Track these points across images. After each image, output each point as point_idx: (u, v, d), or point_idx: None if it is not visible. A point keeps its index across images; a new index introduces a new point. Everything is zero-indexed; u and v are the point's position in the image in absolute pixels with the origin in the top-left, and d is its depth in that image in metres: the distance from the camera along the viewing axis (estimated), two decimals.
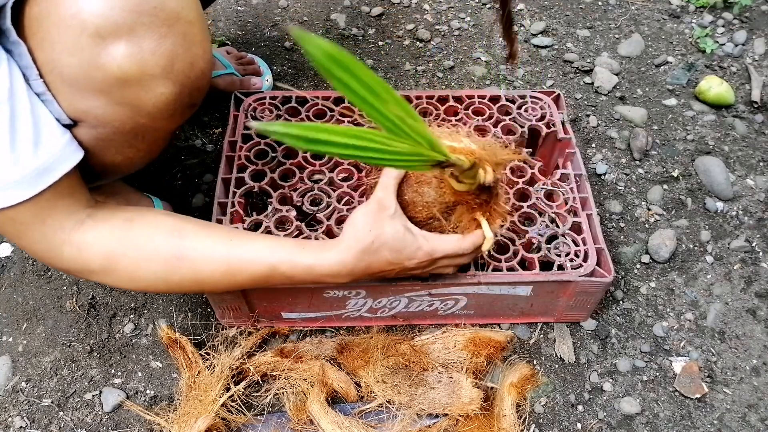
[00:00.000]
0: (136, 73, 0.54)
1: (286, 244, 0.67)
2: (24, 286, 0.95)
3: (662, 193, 1.08)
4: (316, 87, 1.25)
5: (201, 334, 0.88)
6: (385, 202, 0.65)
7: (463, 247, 0.66)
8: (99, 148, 0.62)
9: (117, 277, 0.64)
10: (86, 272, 0.64)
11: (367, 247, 0.63)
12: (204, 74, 0.61)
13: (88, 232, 0.62)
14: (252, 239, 0.67)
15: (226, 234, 0.67)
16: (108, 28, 0.52)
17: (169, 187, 1.07)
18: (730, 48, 1.32)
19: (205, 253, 0.64)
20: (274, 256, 0.65)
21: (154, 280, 0.64)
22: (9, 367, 0.87)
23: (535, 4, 1.44)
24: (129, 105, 0.57)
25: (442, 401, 0.78)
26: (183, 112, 0.62)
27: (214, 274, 0.65)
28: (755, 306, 0.94)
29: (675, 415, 0.83)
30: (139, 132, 0.62)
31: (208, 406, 0.77)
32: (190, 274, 0.64)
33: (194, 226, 0.66)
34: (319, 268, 0.65)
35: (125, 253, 0.63)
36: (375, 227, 0.63)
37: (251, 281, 0.66)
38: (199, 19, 0.59)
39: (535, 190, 0.88)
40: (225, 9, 1.42)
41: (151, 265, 0.63)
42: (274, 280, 0.67)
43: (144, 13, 0.53)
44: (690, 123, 1.19)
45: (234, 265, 0.65)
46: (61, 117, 0.58)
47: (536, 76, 1.28)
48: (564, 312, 0.87)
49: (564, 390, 0.85)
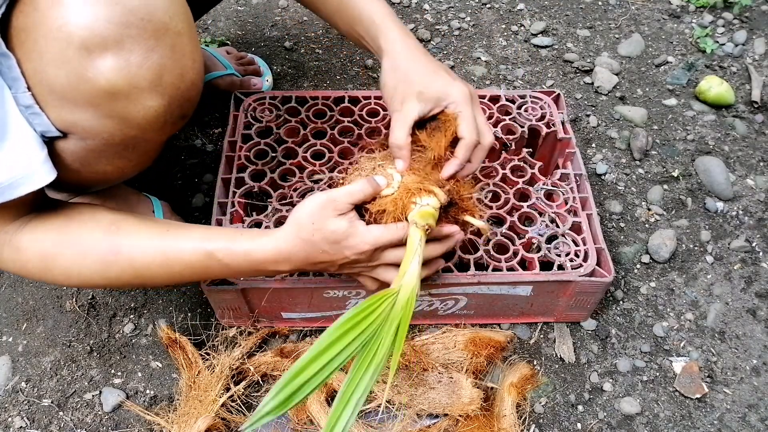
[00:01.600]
0: (124, 86, 0.53)
1: (223, 231, 0.67)
2: (24, 286, 0.95)
3: (662, 193, 1.08)
4: (316, 87, 1.25)
5: (201, 334, 0.88)
6: (339, 202, 0.63)
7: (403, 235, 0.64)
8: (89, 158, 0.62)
9: (54, 275, 0.64)
10: (25, 272, 0.65)
11: (306, 238, 0.63)
12: (194, 85, 0.60)
13: (27, 233, 0.63)
14: (189, 229, 0.67)
15: (164, 226, 0.66)
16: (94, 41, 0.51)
17: (169, 187, 1.07)
18: (730, 48, 1.32)
19: (141, 246, 0.64)
20: (210, 244, 0.64)
21: (90, 277, 0.64)
22: (9, 367, 0.87)
23: (535, 4, 1.44)
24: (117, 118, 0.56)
25: (442, 401, 0.78)
26: (174, 123, 0.61)
27: (151, 266, 0.64)
28: (755, 306, 0.94)
29: (675, 416, 0.83)
30: (130, 143, 0.62)
31: (208, 406, 0.77)
32: (128, 268, 0.64)
33: (131, 220, 0.66)
34: (255, 254, 0.64)
35: (61, 252, 0.63)
36: (318, 220, 0.62)
37: (190, 271, 0.66)
38: (189, 30, 0.58)
39: (535, 190, 0.88)
40: (225, 9, 1.42)
41: (87, 262, 0.63)
42: (213, 269, 0.66)
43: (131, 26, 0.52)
44: (690, 123, 1.19)
45: (170, 256, 0.64)
46: (49, 129, 0.57)
47: (536, 76, 1.28)
48: (564, 312, 0.87)
49: (564, 390, 0.85)
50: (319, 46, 1.34)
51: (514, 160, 0.92)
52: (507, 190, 0.88)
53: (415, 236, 0.63)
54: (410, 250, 0.62)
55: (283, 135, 0.94)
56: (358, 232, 0.62)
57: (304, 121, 0.96)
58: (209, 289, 0.79)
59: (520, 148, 0.93)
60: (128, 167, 0.68)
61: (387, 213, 0.64)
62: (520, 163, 0.92)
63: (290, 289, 0.80)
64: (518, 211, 0.86)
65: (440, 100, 0.68)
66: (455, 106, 0.68)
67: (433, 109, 0.69)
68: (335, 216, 0.62)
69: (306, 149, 0.92)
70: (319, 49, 1.33)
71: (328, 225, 0.62)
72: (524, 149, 0.93)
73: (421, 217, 0.63)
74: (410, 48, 0.70)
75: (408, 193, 0.64)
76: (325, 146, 0.92)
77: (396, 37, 0.70)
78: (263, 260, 0.64)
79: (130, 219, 0.66)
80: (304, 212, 0.63)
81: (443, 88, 0.68)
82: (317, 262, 0.65)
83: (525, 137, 0.94)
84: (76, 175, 0.63)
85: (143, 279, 0.66)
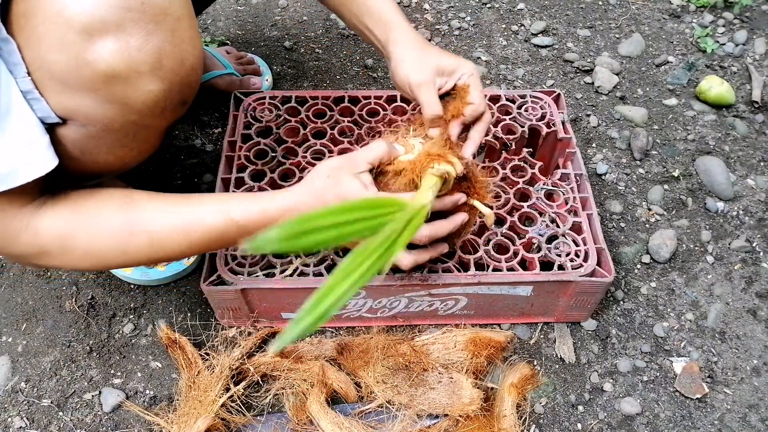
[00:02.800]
0: (124, 70, 0.54)
1: (236, 195, 0.68)
2: (23, 286, 0.95)
3: (663, 193, 1.08)
4: (316, 87, 1.25)
5: (201, 334, 0.88)
6: (358, 162, 0.64)
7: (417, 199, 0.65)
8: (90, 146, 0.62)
9: (74, 257, 0.64)
10: (43, 256, 0.64)
11: (320, 195, 0.63)
12: (194, 70, 0.61)
13: (43, 216, 0.62)
14: (202, 197, 0.67)
15: (177, 197, 0.67)
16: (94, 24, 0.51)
17: (169, 187, 1.07)
18: (731, 48, 1.32)
19: (158, 217, 0.64)
20: (227, 207, 0.65)
21: (110, 255, 0.64)
22: (8, 368, 0.87)
23: (535, 3, 1.44)
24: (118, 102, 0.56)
25: (443, 402, 0.78)
26: (174, 109, 0.61)
27: (170, 236, 0.64)
28: (756, 306, 0.94)
29: (675, 416, 0.83)
30: (130, 130, 0.62)
31: (208, 406, 0.77)
32: (146, 240, 0.64)
33: (145, 195, 0.66)
34: (271, 211, 0.64)
35: (79, 231, 0.62)
36: (334, 175, 0.63)
37: (207, 238, 0.66)
38: (188, 15, 0.58)
39: (535, 190, 0.88)
40: (225, 9, 1.42)
41: (105, 240, 0.63)
42: (230, 234, 0.66)
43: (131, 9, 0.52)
44: (690, 123, 1.19)
45: (188, 223, 0.64)
46: (49, 115, 0.57)
47: (536, 75, 1.28)
48: (564, 312, 0.87)
49: (564, 390, 0.85)
50: (319, 45, 1.34)
51: (515, 159, 0.92)
52: (507, 190, 0.88)
53: (431, 179, 0.64)
54: (425, 186, 0.63)
55: (283, 135, 0.94)
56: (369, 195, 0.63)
57: (304, 121, 0.95)
58: (209, 289, 0.79)
59: (521, 148, 0.93)
60: (129, 156, 0.67)
61: (404, 174, 0.65)
62: (520, 162, 0.91)
63: (290, 289, 0.79)
64: (518, 211, 0.86)
65: (455, 71, 0.74)
66: (467, 77, 0.74)
67: (448, 81, 0.74)
68: (350, 175, 0.63)
69: (306, 149, 0.92)
70: (318, 48, 1.33)
71: (342, 183, 0.63)
72: (524, 149, 0.93)
73: (438, 171, 0.64)
74: (420, 39, 0.76)
75: (428, 158, 0.65)
76: (325, 146, 0.92)
77: (407, 29, 0.76)
78: (278, 216, 0.64)
79: (143, 193, 0.66)
80: (322, 170, 0.64)
81: (456, 62, 0.74)
82: None
83: (525, 137, 0.94)
84: (76, 163, 0.63)
85: (160, 252, 0.66)
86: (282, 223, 0.44)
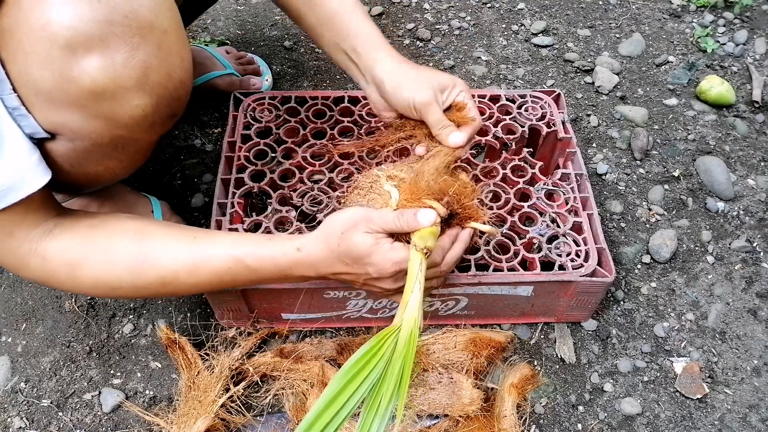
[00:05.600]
0: (110, 85, 0.53)
1: (251, 236, 0.67)
2: (23, 287, 0.95)
3: (663, 193, 1.08)
4: (316, 87, 1.25)
5: (200, 334, 0.88)
6: (373, 222, 0.62)
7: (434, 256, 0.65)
8: (79, 160, 0.61)
9: (82, 284, 0.64)
10: (53, 281, 0.64)
11: (332, 247, 0.62)
12: (183, 83, 0.59)
13: (53, 242, 0.62)
14: (216, 235, 0.67)
15: (191, 232, 0.66)
16: (78, 40, 0.50)
17: (169, 187, 1.07)
18: (731, 47, 1.31)
19: (169, 253, 0.63)
20: (239, 250, 0.64)
21: (119, 285, 0.64)
22: (8, 368, 0.87)
23: (535, 3, 1.44)
24: (105, 118, 0.56)
25: (443, 402, 0.78)
26: (163, 122, 0.60)
27: (179, 274, 0.64)
28: (756, 306, 0.94)
29: (676, 416, 0.83)
30: (119, 144, 0.61)
31: (208, 406, 0.77)
32: (155, 275, 0.63)
33: (157, 227, 0.66)
34: (282, 259, 0.64)
35: (89, 259, 0.62)
36: (347, 231, 0.62)
37: (218, 278, 0.65)
38: (176, 28, 0.57)
39: (535, 190, 0.87)
40: (225, 8, 1.42)
41: (115, 271, 0.63)
42: (241, 276, 0.66)
43: (115, 23, 0.51)
44: (691, 123, 1.19)
45: (199, 263, 0.64)
46: (37, 131, 0.56)
47: (537, 75, 1.28)
48: (565, 312, 0.87)
49: (565, 390, 0.85)
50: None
51: (515, 159, 0.92)
52: (507, 190, 0.87)
53: (415, 261, 0.61)
54: (411, 277, 0.60)
55: (283, 135, 0.93)
56: (381, 250, 0.61)
57: (303, 121, 0.95)
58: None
59: (521, 148, 0.93)
60: (119, 168, 0.67)
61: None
62: (520, 162, 0.91)
63: (290, 290, 0.79)
64: (519, 211, 0.86)
65: (452, 88, 0.73)
66: (463, 95, 0.73)
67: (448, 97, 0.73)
68: (363, 231, 0.62)
69: (306, 149, 0.91)
70: (318, 48, 1.33)
71: (354, 238, 0.61)
72: (525, 149, 0.92)
73: (419, 238, 0.61)
74: (405, 58, 0.74)
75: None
76: (325, 146, 0.92)
77: (392, 51, 0.74)
78: (290, 265, 0.64)
79: (156, 226, 0.66)
80: (337, 221, 0.63)
81: (450, 78, 0.73)
82: (341, 273, 0.64)
83: (525, 137, 0.94)
84: (67, 176, 0.63)
85: (170, 287, 0.66)
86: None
